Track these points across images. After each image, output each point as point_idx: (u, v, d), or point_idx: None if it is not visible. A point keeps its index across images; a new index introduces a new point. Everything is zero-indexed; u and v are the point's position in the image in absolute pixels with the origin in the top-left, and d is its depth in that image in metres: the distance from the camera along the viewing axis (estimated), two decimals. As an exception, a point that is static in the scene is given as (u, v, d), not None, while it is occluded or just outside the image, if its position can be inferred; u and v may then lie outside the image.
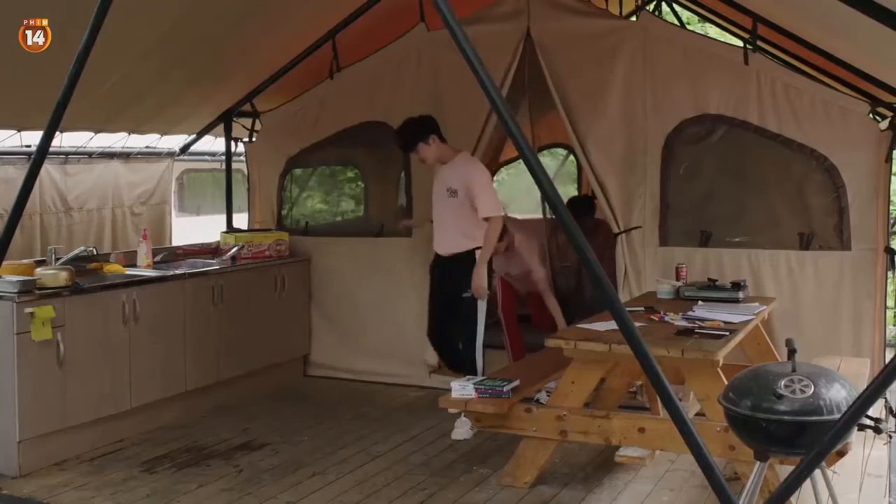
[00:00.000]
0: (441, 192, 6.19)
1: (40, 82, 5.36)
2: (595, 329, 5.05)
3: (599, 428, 4.91)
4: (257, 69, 7.62)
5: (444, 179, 6.18)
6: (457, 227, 6.13)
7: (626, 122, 6.73)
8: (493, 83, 3.36)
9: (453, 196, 6.08)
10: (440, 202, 6.24)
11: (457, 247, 6.14)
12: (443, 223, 6.25)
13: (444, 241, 6.25)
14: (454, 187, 6.08)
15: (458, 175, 6.10)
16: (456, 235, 6.13)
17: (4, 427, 5.28)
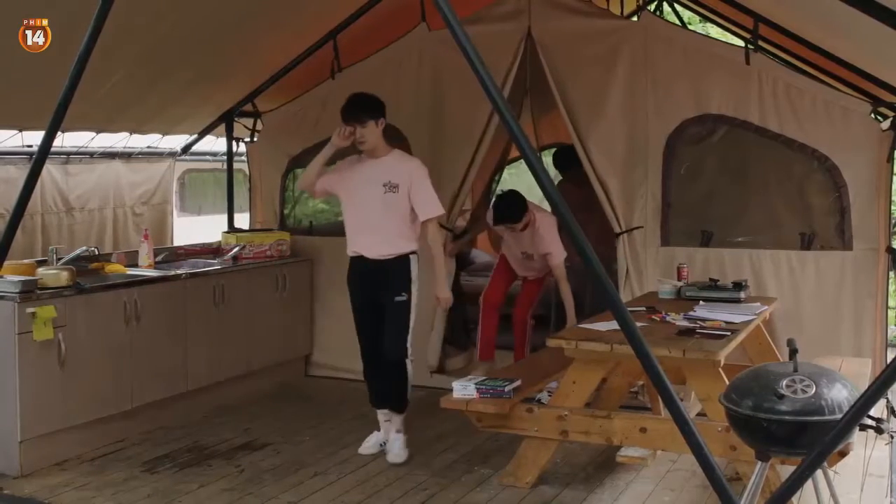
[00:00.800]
0: (372, 187, 5.53)
1: (41, 82, 5.36)
2: (596, 329, 5.05)
3: (601, 428, 4.90)
4: (258, 69, 7.62)
5: (379, 173, 5.54)
6: (394, 227, 5.55)
7: (627, 121, 6.73)
8: (495, 83, 3.37)
9: (392, 191, 5.51)
10: (371, 199, 5.54)
11: (394, 249, 5.56)
12: (375, 223, 5.55)
13: (376, 243, 5.56)
14: (395, 182, 5.52)
15: (400, 170, 5.55)
16: (392, 236, 5.55)
17: (6, 427, 5.28)
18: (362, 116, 5.49)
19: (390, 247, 5.54)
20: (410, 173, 5.54)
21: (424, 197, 5.56)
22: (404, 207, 5.53)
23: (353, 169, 5.65)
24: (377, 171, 5.54)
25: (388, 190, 5.49)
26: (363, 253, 5.59)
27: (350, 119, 5.53)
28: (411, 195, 5.52)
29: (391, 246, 5.54)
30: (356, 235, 5.64)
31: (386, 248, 5.54)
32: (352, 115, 5.52)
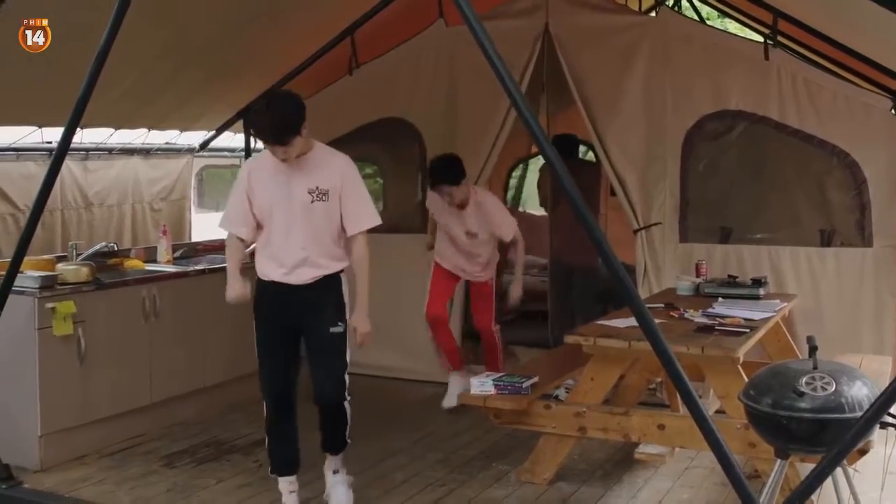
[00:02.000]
0: (294, 196, 4.43)
1: (60, 80, 5.40)
2: (614, 326, 5.04)
3: (619, 425, 4.89)
4: (276, 65, 7.64)
5: (304, 177, 4.44)
6: (324, 245, 4.51)
7: (645, 118, 6.71)
8: (513, 79, 3.37)
9: (321, 199, 4.43)
10: (293, 211, 4.44)
11: (322, 269, 4.53)
12: (299, 241, 4.46)
13: (300, 267, 4.50)
14: (323, 187, 4.43)
15: (329, 171, 4.48)
16: (321, 256, 4.51)
17: (26, 421, 5.31)
18: (286, 137, 4.28)
19: (317, 269, 4.52)
20: (342, 174, 4.48)
21: (358, 204, 4.56)
22: (335, 218, 4.49)
23: (267, 176, 4.48)
24: (300, 174, 4.42)
25: (317, 198, 4.43)
26: (282, 279, 4.50)
27: (280, 138, 4.30)
28: (342, 202, 4.49)
29: (318, 268, 4.52)
30: (273, 256, 4.51)
31: (312, 272, 4.51)
32: (277, 140, 4.30)
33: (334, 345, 4.55)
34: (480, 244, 6.49)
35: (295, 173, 4.42)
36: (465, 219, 6.42)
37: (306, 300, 4.52)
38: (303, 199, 4.41)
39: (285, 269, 4.49)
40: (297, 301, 4.51)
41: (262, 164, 4.55)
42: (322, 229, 4.48)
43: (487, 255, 6.57)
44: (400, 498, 4.96)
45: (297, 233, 4.45)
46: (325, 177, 4.44)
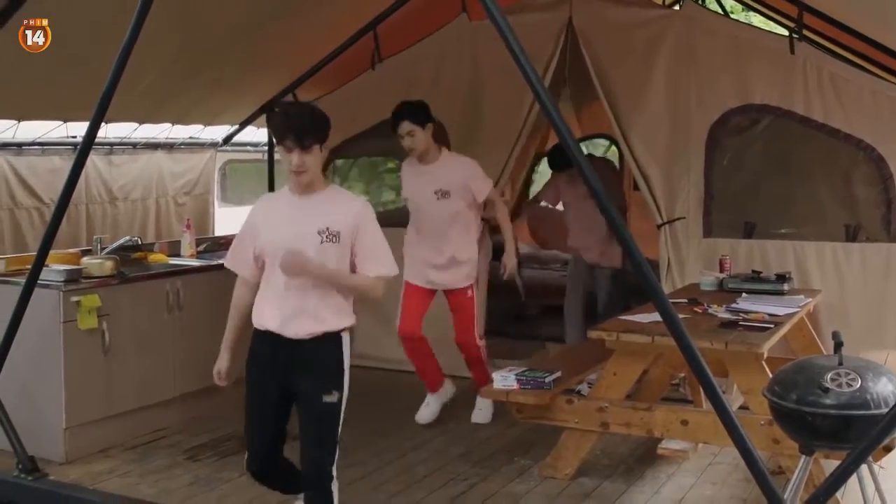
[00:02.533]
0: (303, 236, 3.86)
1: (85, 75, 5.42)
2: (638, 321, 5.02)
3: (641, 420, 4.88)
4: (299, 60, 7.65)
5: (315, 215, 3.89)
6: (326, 292, 3.90)
7: (669, 112, 6.67)
8: (536, 73, 3.36)
9: (331, 241, 3.85)
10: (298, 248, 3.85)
11: (322, 325, 3.89)
12: (301, 286, 3.86)
13: (298, 317, 3.86)
14: (335, 228, 3.87)
15: (341, 211, 3.92)
16: (321, 306, 3.89)
17: (51, 414, 5.35)
18: (308, 139, 3.82)
19: (317, 323, 3.89)
20: (356, 215, 3.91)
21: (375, 246, 3.96)
22: (345, 263, 3.93)
23: (277, 212, 3.98)
24: (312, 213, 3.89)
25: (326, 240, 3.85)
26: (277, 330, 3.88)
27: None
28: (356, 246, 3.92)
29: (318, 322, 3.89)
30: (270, 301, 3.93)
31: (311, 324, 3.88)
32: (298, 141, 3.80)
33: (324, 417, 3.88)
34: (452, 222, 5.86)
35: (307, 211, 3.87)
36: (435, 173, 5.83)
37: (301, 359, 3.87)
38: (311, 238, 3.82)
39: (281, 319, 3.86)
40: (289, 358, 3.88)
41: (275, 199, 4.13)
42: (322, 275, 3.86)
43: (459, 246, 5.91)
44: (422, 492, 4.96)
45: (303, 281, 3.83)
46: (339, 218, 3.87)
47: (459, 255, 5.98)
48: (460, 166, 5.92)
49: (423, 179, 5.91)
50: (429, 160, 5.88)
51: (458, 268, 6.01)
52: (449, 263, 5.99)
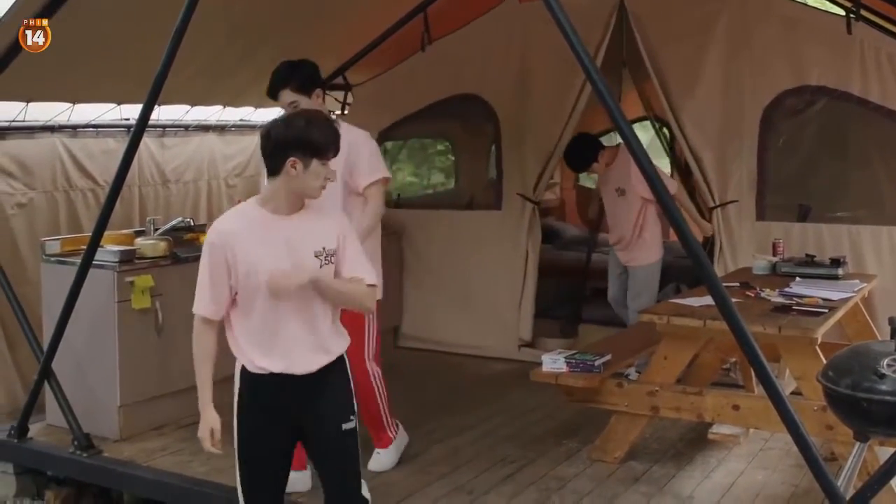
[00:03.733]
0: (297, 258, 3.40)
1: (138, 58, 5.47)
2: (689, 304, 4.98)
3: (692, 404, 4.84)
4: (349, 42, 7.66)
5: (304, 234, 3.45)
6: (330, 318, 3.51)
7: (722, 94, 6.59)
8: (588, 54, 3.34)
9: (328, 263, 3.45)
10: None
11: (330, 353, 3.51)
12: (305, 316, 3.43)
13: (309, 350, 3.45)
14: (330, 246, 3.47)
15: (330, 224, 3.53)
16: (327, 333, 3.50)
17: (106, 392, 5.44)
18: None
19: (325, 352, 3.49)
20: (340, 225, 3.55)
21: (360, 257, 3.55)
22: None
23: (255, 236, 3.41)
24: (302, 232, 3.42)
25: (325, 261, 3.42)
26: (284, 370, 3.42)
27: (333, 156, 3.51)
28: (342, 257, 3.49)
29: (325, 351, 3.50)
30: (266, 343, 3.43)
31: (321, 355, 3.48)
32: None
33: (346, 447, 3.53)
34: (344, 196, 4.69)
35: (295, 232, 3.40)
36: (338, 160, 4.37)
37: (311, 393, 3.47)
38: (311, 264, 3.38)
39: (286, 358, 3.41)
40: (299, 395, 3.45)
41: (241, 223, 3.45)
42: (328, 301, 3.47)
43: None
44: (470, 474, 4.97)
45: (305, 309, 3.41)
46: (328, 233, 3.45)
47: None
48: (355, 147, 4.65)
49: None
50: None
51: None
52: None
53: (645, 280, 6.62)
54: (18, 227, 6.20)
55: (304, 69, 4.65)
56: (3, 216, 6.13)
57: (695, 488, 4.78)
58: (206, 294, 3.44)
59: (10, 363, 6.06)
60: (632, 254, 6.62)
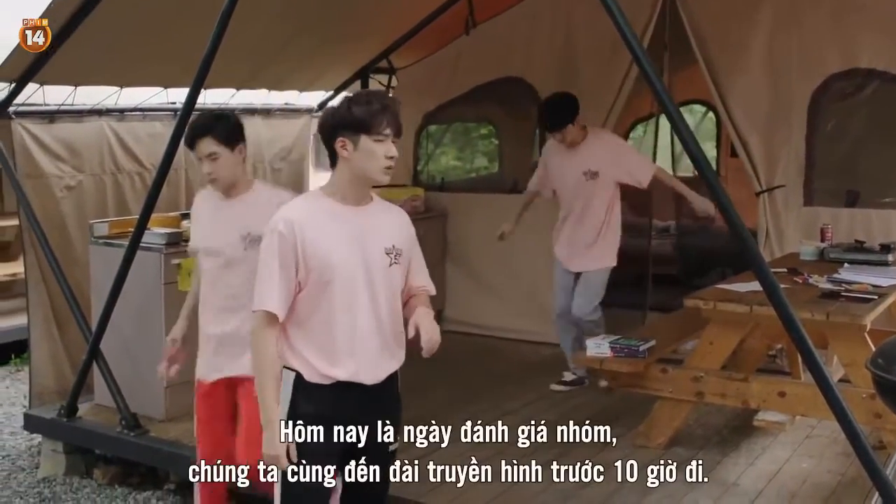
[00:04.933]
0: (368, 251, 3.21)
1: (185, 41, 5.51)
2: (735, 290, 4.94)
3: (737, 391, 4.81)
4: (393, 25, 7.65)
5: (376, 229, 3.26)
6: (398, 324, 3.36)
7: (770, 77, 6.50)
8: (636, 36, 3.30)
9: (396, 262, 3.26)
10: (372, 276, 3.22)
11: (397, 360, 3.41)
12: (379, 318, 3.26)
13: (378, 357, 3.28)
14: (399, 245, 3.30)
15: (398, 223, 3.37)
16: (395, 340, 3.36)
17: (153, 373, 5.46)
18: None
19: (393, 360, 3.38)
20: (408, 226, 3.38)
21: (424, 267, 3.45)
22: (401, 287, 3.36)
23: (327, 225, 3.17)
24: (371, 224, 3.23)
25: (395, 260, 3.25)
26: (351, 378, 3.19)
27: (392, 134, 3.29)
28: (412, 265, 3.37)
29: (395, 357, 3.39)
30: (330, 346, 3.17)
31: (389, 364, 3.35)
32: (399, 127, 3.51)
33: (389, 472, 3.33)
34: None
35: (364, 223, 3.20)
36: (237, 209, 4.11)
37: (372, 406, 3.23)
38: (381, 260, 3.20)
39: (355, 364, 3.18)
40: (364, 409, 3.21)
41: (311, 211, 3.20)
42: (397, 301, 3.32)
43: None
44: (510, 456, 4.96)
45: (376, 308, 3.22)
46: (398, 230, 3.29)
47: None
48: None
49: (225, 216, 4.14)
50: (234, 194, 4.07)
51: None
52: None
53: (601, 283, 5.97)
54: (67, 210, 6.28)
55: (229, 119, 4.16)
56: (52, 199, 6.20)
57: (739, 475, 4.75)
58: (274, 289, 3.09)
59: (60, 344, 6.15)
60: (591, 255, 5.95)
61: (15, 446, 6.39)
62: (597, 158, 5.84)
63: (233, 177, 4.00)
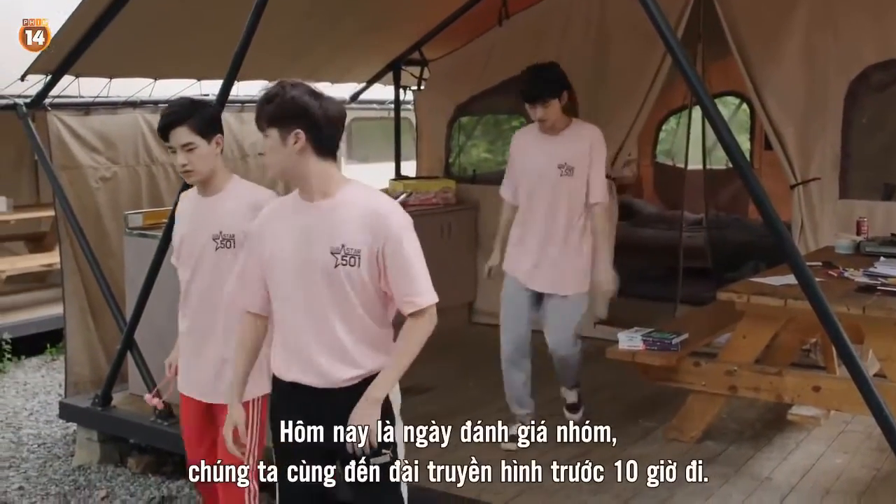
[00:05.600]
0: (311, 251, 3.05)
1: (218, 33, 5.53)
2: (770, 283, 4.90)
3: (771, 385, 4.77)
4: (425, 17, 7.64)
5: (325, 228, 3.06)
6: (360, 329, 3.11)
7: (805, 68, 6.42)
8: (670, 26, 3.28)
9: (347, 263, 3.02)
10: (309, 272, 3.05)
11: (357, 367, 3.10)
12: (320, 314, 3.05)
13: (318, 359, 3.06)
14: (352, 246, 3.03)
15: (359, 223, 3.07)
16: (355, 343, 3.09)
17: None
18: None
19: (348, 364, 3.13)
20: (382, 228, 3.08)
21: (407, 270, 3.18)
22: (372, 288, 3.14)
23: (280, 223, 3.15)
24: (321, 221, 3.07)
25: (343, 261, 3.04)
26: (298, 379, 3.13)
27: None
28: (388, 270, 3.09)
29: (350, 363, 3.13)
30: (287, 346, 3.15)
31: (341, 367, 3.12)
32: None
33: (382, 474, 3.05)
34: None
35: (314, 222, 3.04)
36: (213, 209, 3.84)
37: (337, 414, 3.01)
38: (323, 260, 2.99)
39: (294, 364, 3.09)
40: (316, 411, 3.06)
41: (277, 206, 3.22)
42: (355, 303, 3.05)
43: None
44: (539, 450, 4.96)
45: (318, 310, 3.04)
46: (355, 231, 3.02)
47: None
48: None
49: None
50: (210, 191, 3.81)
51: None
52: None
53: (579, 308, 5.03)
54: (102, 201, 6.34)
55: (206, 108, 3.87)
56: (87, 190, 6.27)
57: (773, 470, 4.72)
58: (238, 280, 3.25)
59: (95, 334, 6.22)
60: (564, 273, 4.93)
61: (50, 434, 6.47)
62: (575, 152, 4.86)
63: (209, 170, 3.73)
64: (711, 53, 7.41)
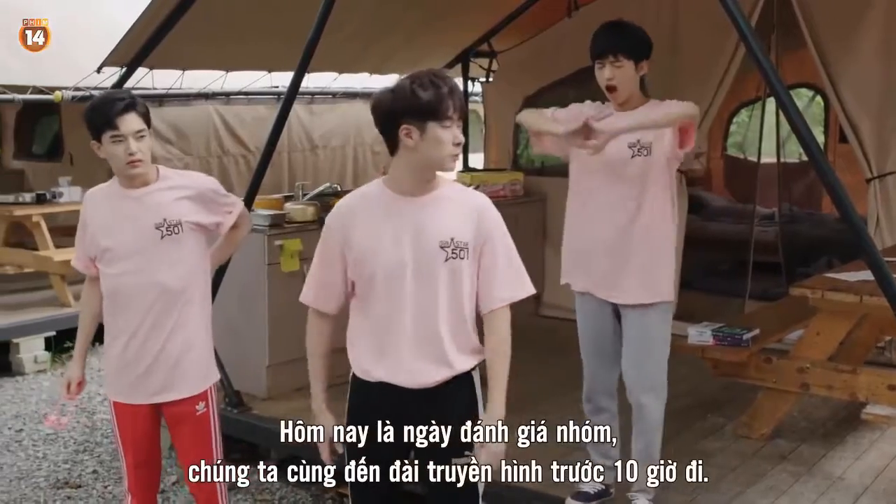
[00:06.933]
0: (417, 243, 2.98)
1: (289, 25, 5.58)
2: (845, 279, 4.80)
3: (845, 383, 4.67)
4: (495, 8, 7.63)
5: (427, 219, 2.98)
6: (463, 323, 3.04)
7: (883, 59, 6.26)
8: (744, 16, 3.23)
9: (456, 256, 2.99)
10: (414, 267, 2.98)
11: (449, 367, 3.02)
12: (418, 313, 2.99)
13: (417, 360, 3.01)
14: (461, 239, 3.00)
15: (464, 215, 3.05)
16: (450, 342, 3.01)
17: (256, 352, 5.60)
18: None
19: (444, 365, 3.07)
20: (483, 220, 3.08)
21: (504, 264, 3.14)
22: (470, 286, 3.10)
23: (373, 218, 3.05)
24: (428, 215, 3.01)
25: (452, 255, 2.98)
26: (393, 380, 3.12)
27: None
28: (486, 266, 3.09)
29: (447, 364, 3.08)
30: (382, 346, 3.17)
31: (438, 368, 3.07)
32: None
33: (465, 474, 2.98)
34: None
35: (420, 216, 2.97)
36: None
37: (424, 415, 2.99)
38: (434, 254, 2.95)
39: (388, 365, 3.06)
40: (404, 413, 3.03)
41: (363, 201, 3.10)
42: (465, 304, 3.01)
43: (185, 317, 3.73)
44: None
45: (427, 308, 2.98)
46: (462, 222, 2.99)
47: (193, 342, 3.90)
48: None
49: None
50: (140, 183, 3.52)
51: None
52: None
53: (666, 327, 4.21)
54: (175, 191, 6.44)
55: (140, 99, 3.52)
56: (161, 180, 6.37)
57: (845, 469, 4.63)
58: (314, 281, 3.14)
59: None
60: (643, 278, 4.02)
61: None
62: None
63: (150, 161, 3.49)
64: (785, 45, 7.27)
